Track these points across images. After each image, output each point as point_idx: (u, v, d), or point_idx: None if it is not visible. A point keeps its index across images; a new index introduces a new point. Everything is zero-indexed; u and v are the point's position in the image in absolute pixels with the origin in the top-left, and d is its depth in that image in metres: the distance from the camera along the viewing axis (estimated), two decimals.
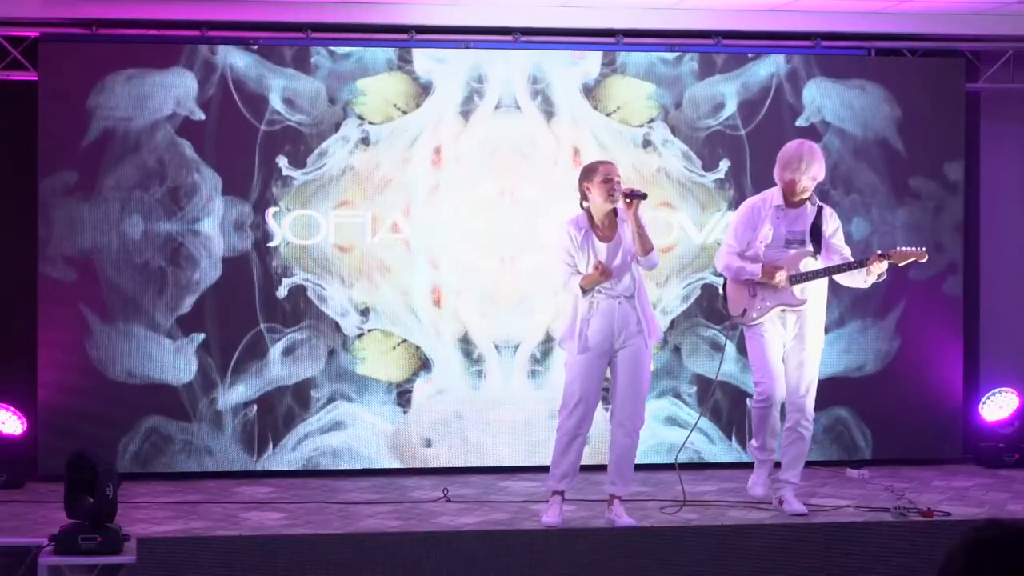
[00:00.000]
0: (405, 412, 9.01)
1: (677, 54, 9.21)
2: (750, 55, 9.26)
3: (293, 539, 6.90)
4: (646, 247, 7.13)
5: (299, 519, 7.53)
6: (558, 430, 7.36)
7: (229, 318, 8.85)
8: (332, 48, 8.89)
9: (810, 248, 7.52)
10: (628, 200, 7.11)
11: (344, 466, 8.92)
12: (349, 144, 8.93)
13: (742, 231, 7.58)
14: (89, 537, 6.41)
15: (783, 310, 7.49)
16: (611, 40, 9.17)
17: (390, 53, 8.94)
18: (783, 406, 7.61)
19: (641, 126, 9.21)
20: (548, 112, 9.11)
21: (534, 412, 9.03)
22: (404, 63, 8.96)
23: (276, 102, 8.86)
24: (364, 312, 8.97)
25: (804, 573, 6.88)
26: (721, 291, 7.91)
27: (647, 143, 9.20)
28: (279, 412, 8.91)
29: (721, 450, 9.23)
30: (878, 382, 9.37)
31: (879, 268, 7.37)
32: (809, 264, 7.51)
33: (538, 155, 9.03)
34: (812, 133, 9.09)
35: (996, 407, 9.38)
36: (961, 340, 9.46)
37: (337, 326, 8.95)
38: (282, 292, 8.89)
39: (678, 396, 9.23)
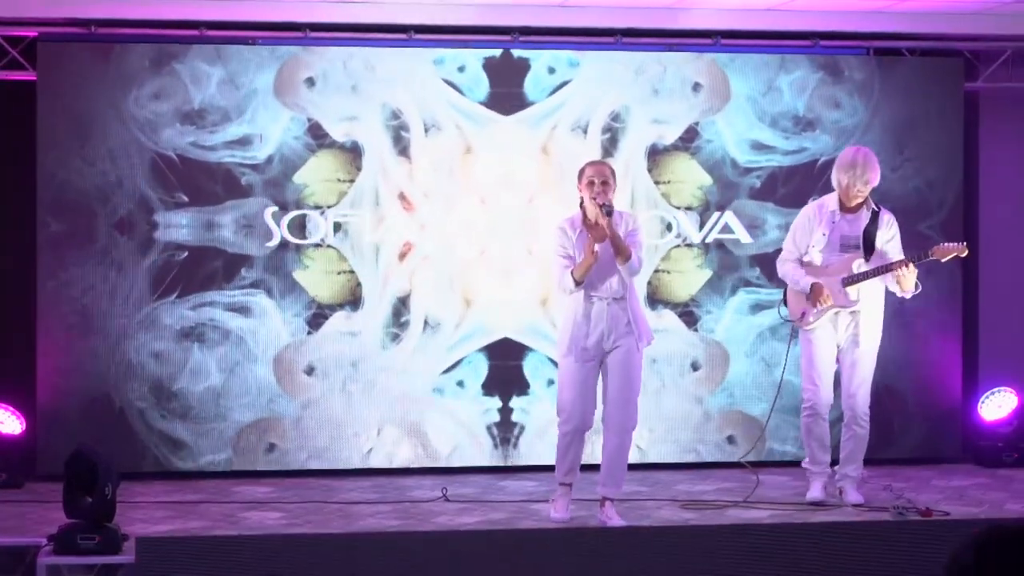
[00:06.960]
0: (309, 333, 8.93)
1: (749, 165, 9.21)
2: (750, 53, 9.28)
3: (293, 539, 6.90)
4: (623, 255, 7.20)
5: (299, 519, 7.53)
6: (558, 432, 7.43)
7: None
8: (250, 163, 8.81)
9: (862, 252, 7.72)
10: (602, 209, 7.18)
11: (220, 343, 8.83)
12: (326, 236, 8.93)
13: (799, 237, 7.85)
14: (88, 537, 6.40)
15: (836, 312, 7.73)
16: (611, 40, 9.16)
17: (304, 138, 8.86)
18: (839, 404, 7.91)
19: (678, 208, 9.20)
20: (608, 150, 9.08)
21: (418, 398, 9.00)
22: (320, 139, 8.88)
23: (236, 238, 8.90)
24: (336, 228, 8.94)
25: (804, 573, 6.88)
26: (782, 296, 8.06)
27: (670, 227, 9.21)
28: (203, 270, 8.83)
29: None
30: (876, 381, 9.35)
31: (908, 275, 7.52)
32: (862, 267, 7.71)
33: (572, 175, 8.86)
34: None
35: (995, 406, 9.38)
36: (960, 340, 9.46)
37: (303, 227, 8.92)
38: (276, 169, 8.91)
39: (749, 284, 9.26)
